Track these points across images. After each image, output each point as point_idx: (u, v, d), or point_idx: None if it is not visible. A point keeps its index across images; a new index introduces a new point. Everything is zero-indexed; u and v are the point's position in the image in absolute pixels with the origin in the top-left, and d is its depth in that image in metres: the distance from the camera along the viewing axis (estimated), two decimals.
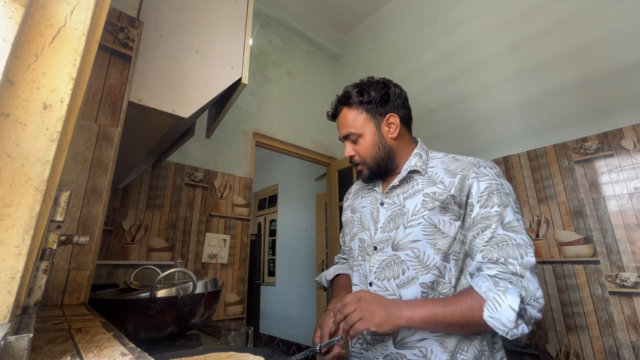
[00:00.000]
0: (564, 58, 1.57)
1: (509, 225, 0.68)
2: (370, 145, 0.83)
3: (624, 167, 1.32)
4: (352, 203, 0.97)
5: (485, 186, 0.72)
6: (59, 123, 0.29)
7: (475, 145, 1.83)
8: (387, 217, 0.82)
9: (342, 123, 0.86)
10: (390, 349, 0.74)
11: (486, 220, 0.69)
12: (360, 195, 0.95)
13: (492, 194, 0.71)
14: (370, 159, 0.84)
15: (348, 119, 0.84)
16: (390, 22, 2.60)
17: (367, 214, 0.88)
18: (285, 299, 4.26)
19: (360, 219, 0.89)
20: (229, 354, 0.58)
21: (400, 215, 0.79)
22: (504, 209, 0.69)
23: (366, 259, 0.83)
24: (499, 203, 0.70)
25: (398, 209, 0.81)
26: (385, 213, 0.83)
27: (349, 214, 0.96)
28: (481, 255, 0.68)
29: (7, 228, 0.25)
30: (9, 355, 0.24)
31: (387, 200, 0.84)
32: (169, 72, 0.99)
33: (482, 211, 0.70)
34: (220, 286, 1.03)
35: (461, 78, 1.99)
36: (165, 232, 1.69)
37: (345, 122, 0.85)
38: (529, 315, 0.62)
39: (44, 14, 0.30)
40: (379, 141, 0.84)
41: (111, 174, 0.74)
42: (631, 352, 1.21)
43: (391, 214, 0.82)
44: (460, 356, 0.69)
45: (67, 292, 0.64)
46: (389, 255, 0.78)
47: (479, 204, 0.71)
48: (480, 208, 0.71)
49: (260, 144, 2.33)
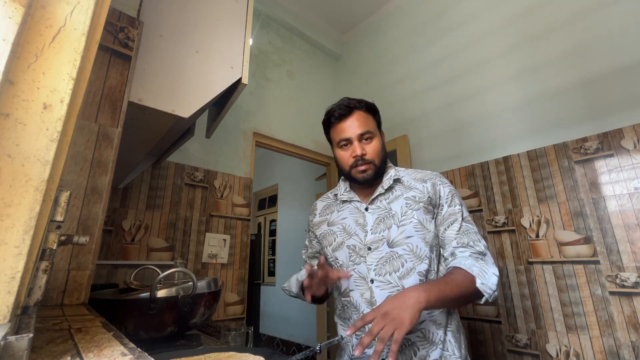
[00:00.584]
0: (564, 58, 1.57)
1: (467, 219, 0.90)
2: (380, 147, 0.94)
3: (624, 167, 1.32)
4: (327, 218, 1.03)
5: (448, 190, 0.93)
6: (59, 123, 0.29)
7: (475, 145, 1.83)
8: (375, 220, 0.92)
9: (358, 123, 0.92)
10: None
11: (453, 216, 0.89)
12: (334, 209, 1.02)
13: (454, 196, 0.92)
14: (379, 160, 0.93)
15: (366, 120, 0.93)
16: (390, 22, 2.60)
17: (351, 223, 0.95)
18: (285, 299, 4.26)
19: (343, 229, 0.96)
20: (229, 354, 0.59)
21: (389, 217, 0.90)
22: (462, 207, 0.91)
23: (361, 261, 0.89)
24: (459, 203, 0.91)
25: (385, 212, 0.92)
26: (372, 217, 0.92)
27: (325, 227, 1.01)
28: (455, 241, 0.86)
29: (7, 228, 0.25)
30: (9, 355, 0.24)
31: (372, 206, 0.94)
32: (169, 72, 0.99)
33: (449, 209, 0.90)
34: (220, 286, 1.03)
35: (461, 78, 1.99)
36: (165, 232, 1.69)
37: (362, 122, 0.92)
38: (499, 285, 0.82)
39: (44, 14, 0.30)
40: (384, 147, 0.97)
41: (111, 174, 0.74)
42: (631, 352, 1.21)
43: (378, 217, 0.92)
44: (448, 328, 0.85)
45: (67, 292, 0.64)
46: (386, 252, 0.87)
47: (446, 204, 0.91)
48: (448, 207, 0.91)
49: (260, 144, 2.33)
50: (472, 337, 1.65)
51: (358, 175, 0.92)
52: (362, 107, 0.95)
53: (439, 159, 1.99)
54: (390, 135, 2.32)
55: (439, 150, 2.01)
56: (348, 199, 0.99)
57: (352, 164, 0.92)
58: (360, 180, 0.93)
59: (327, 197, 1.09)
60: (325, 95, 2.85)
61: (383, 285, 0.85)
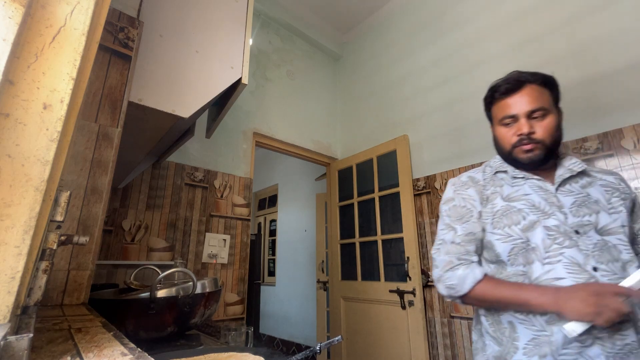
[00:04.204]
0: (564, 58, 1.57)
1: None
2: (554, 125, 0.82)
3: (624, 167, 1.32)
4: (498, 190, 0.85)
5: (631, 188, 0.84)
6: (59, 123, 0.29)
7: (475, 145, 1.83)
8: (573, 202, 0.78)
9: (529, 98, 0.81)
10: (630, 338, 0.68)
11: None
12: (504, 184, 0.86)
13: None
14: (551, 140, 0.81)
15: (540, 95, 0.81)
16: (391, 22, 2.60)
17: (540, 201, 0.80)
18: (285, 299, 4.26)
19: (533, 205, 0.79)
20: (229, 354, 0.59)
21: (590, 202, 0.78)
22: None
23: (572, 245, 0.74)
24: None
25: (583, 197, 0.79)
26: (568, 199, 0.79)
27: (503, 202, 0.83)
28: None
29: (7, 228, 0.25)
30: (9, 355, 0.24)
31: (562, 188, 0.81)
32: (169, 72, 0.99)
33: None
34: (220, 286, 1.03)
35: (461, 78, 1.99)
36: (165, 232, 1.69)
37: (536, 96, 0.81)
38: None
39: (44, 14, 0.30)
40: (560, 125, 0.84)
41: (111, 174, 0.74)
42: None
43: (575, 200, 0.79)
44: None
45: (67, 292, 0.64)
46: (598, 240, 0.74)
47: (637, 201, 0.83)
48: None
49: (260, 144, 2.33)
50: None
51: (522, 155, 0.80)
52: (536, 80, 0.82)
53: (439, 159, 1.99)
54: (390, 135, 2.32)
55: (439, 150, 2.00)
56: (524, 176, 0.83)
57: (515, 143, 0.81)
58: (525, 161, 0.81)
59: (480, 171, 0.91)
60: (325, 95, 2.85)
61: (608, 275, 0.71)
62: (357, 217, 2.41)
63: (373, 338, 2.09)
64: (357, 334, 2.22)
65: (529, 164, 0.81)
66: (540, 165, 0.82)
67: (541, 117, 0.80)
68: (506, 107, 0.83)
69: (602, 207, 0.77)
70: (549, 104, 0.81)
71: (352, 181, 2.51)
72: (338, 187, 2.65)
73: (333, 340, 0.72)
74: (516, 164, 0.83)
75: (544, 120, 0.80)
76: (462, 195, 0.89)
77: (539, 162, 0.81)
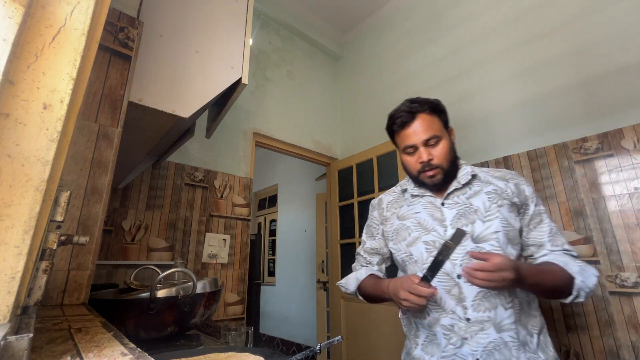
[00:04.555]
0: (564, 58, 1.57)
1: (552, 220, 0.88)
2: (448, 148, 0.91)
3: (624, 167, 1.32)
4: (397, 212, 0.99)
5: (531, 190, 0.90)
6: (59, 123, 0.29)
7: (475, 145, 1.83)
8: (455, 215, 0.88)
9: (422, 127, 0.89)
10: (491, 336, 0.78)
11: (539, 216, 0.87)
12: (403, 204, 0.99)
13: (537, 196, 0.90)
14: (447, 163, 0.90)
15: (428, 124, 0.89)
16: (391, 22, 2.60)
17: (426, 217, 0.92)
18: (285, 299, 4.26)
19: (418, 223, 0.92)
20: (229, 354, 0.59)
21: (470, 212, 0.87)
22: (545, 208, 0.89)
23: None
24: (541, 203, 0.89)
25: (465, 207, 0.88)
26: (451, 212, 0.89)
27: (397, 222, 0.97)
28: (550, 243, 0.84)
29: (7, 228, 0.25)
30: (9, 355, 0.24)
31: (448, 201, 0.91)
32: (169, 72, 0.99)
33: (536, 209, 0.88)
34: (220, 286, 1.03)
35: (461, 78, 1.99)
36: (165, 232, 1.69)
37: (427, 126, 0.89)
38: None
39: (44, 14, 0.30)
40: (452, 146, 0.93)
41: (111, 174, 0.74)
42: (631, 352, 1.21)
43: (458, 212, 0.88)
44: (533, 330, 0.82)
45: (67, 292, 0.64)
46: (472, 248, 0.84)
47: (532, 203, 0.88)
48: (535, 206, 0.88)
49: (260, 144, 2.33)
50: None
51: (427, 180, 0.91)
52: (425, 109, 0.90)
53: None
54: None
55: None
56: (420, 194, 0.95)
57: (420, 169, 0.90)
58: (430, 185, 0.91)
59: (392, 192, 1.05)
60: (325, 95, 2.85)
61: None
62: (357, 217, 2.41)
63: (373, 338, 2.09)
64: (357, 334, 2.22)
65: (434, 187, 0.92)
66: (443, 186, 0.92)
67: (435, 144, 0.89)
68: (405, 138, 0.92)
69: (479, 216, 0.86)
70: (439, 129, 0.91)
71: (352, 181, 2.51)
72: (338, 187, 2.65)
73: (333, 340, 0.72)
74: (424, 185, 0.94)
75: (438, 145, 0.89)
76: (371, 217, 1.07)
77: (442, 184, 0.91)
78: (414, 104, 0.91)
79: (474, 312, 0.80)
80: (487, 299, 0.80)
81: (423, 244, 0.89)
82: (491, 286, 0.69)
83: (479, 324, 0.79)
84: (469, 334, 0.79)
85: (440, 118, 0.92)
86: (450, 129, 0.95)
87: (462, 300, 0.81)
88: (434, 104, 0.92)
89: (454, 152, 0.93)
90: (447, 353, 0.81)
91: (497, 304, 0.79)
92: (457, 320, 0.81)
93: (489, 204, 0.87)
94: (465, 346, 0.79)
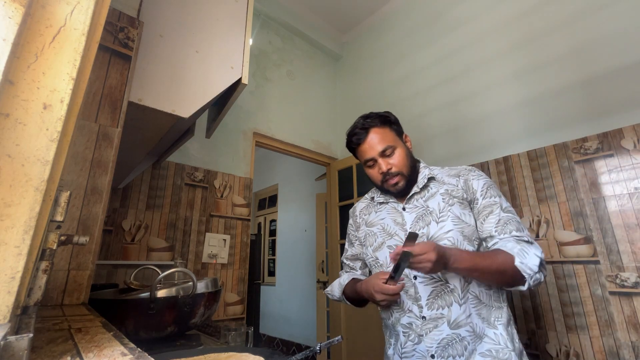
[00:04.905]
0: (564, 58, 1.57)
1: (507, 209, 0.89)
2: (405, 155, 0.95)
3: (624, 167, 1.32)
4: (366, 219, 1.05)
5: (482, 182, 0.93)
6: (59, 123, 0.29)
7: (475, 145, 1.83)
8: (414, 218, 0.93)
9: (375, 141, 0.95)
10: (445, 332, 0.82)
11: (489, 207, 0.89)
12: (372, 211, 1.05)
13: (489, 187, 0.92)
14: (407, 168, 0.95)
15: (381, 137, 0.95)
16: (391, 22, 2.60)
17: (389, 223, 0.97)
18: (285, 299, 4.26)
19: (382, 229, 0.98)
20: (229, 354, 0.59)
21: (427, 214, 0.92)
22: (500, 199, 0.91)
23: None
24: (495, 194, 0.91)
25: (423, 210, 0.93)
26: (410, 215, 0.94)
27: (366, 229, 1.03)
28: (496, 232, 0.86)
29: (7, 228, 0.25)
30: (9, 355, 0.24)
31: (408, 206, 0.96)
32: (169, 72, 0.99)
33: (484, 201, 0.90)
34: (220, 286, 1.03)
35: (461, 78, 1.99)
36: (165, 232, 1.69)
37: (380, 138, 0.95)
38: (544, 270, 0.81)
39: (44, 14, 0.30)
40: (408, 152, 0.98)
41: (111, 174, 0.74)
42: (631, 352, 1.21)
43: (416, 215, 0.93)
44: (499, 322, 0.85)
45: (67, 292, 0.64)
46: None
47: (481, 196, 0.91)
48: (483, 199, 0.90)
49: (260, 144, 2.33)
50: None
51: (391, 188, 0.95)
52: (376, 124, 0.96)
53: (439, 159, 1.99)
54: None
55: (439, 150, 2.01)
56: (385, 200, 1.01)
57: (382, 180, 0.95)
58: (395, 192, 0.96)
59: (365, 199, 1.11)
60: (325, 95, 2.85)
61: (426, 280, 0.86)
62: None
63: (373, 338, 2.09)
64: (357, 334, 2.22)
65: (398, 194, 0.97)
66: (408, 191, 0.97)
67: (391, 153, 0.94)
68: (364, 153, 0.97)
69: (434, 218, 0.91)
70: (393, 139, 0.96)
71: (352, 181, 2.51)
72: (338, 187, 2.65)
73: (333, 340, 0.72)
74: (390, 193, 0.99)
75: (394, 154, 0.95)
76: (349, 224, 1.14)
77: (406, 189, 0.96)
78: (367, 119, 0.97)
79: (428, 311, 0.85)
80: (440, 297, 0.84)
81: (387, 248, 0.95)
82: (419, 268, 0.74)
83: (433, 322, 0.83)
84: (424, 331, 0.84)
85: (392, 128, 0.98)
86: (405, 137, 1.01)
87: (417, 300, 0.86)
88: (383, 116, 0.98)
89: (411, 158, 0.98)
90: (407, 349, 0.87)
91: (452, 301, 0.84)
92: (414, 319, 0.86)
93: (443, 205, 0.91)
94: (422, 343, 0.84)
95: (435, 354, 0.82)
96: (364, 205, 1.09)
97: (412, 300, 0.87)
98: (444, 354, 0.82)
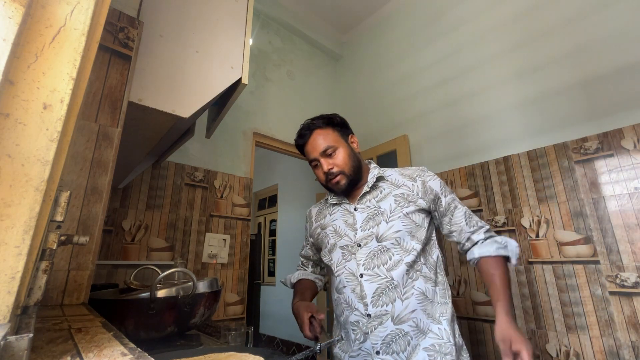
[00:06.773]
0: (564, 58, 1.57)
1: (461, 203, 0.97)
2: (346, 155, 0.97)
3: (624, 167, 1.32)
4: (320, 222, 1.08)
5: (438, 182, 0.98)
6: (59, 123, 0.29)
7: (475, 145, 1.83)
8: (364, 218, 0.96)
9: (316, 143, 0.97)
10: (389, 328, 0.84)
11: (452, 204, 0.96)
12: (326, 213, 1.07)
13: (444, 185, 0.98)
14: (348, 168, 0.96)
15: (323, 138, 0.97)
16: (391, 22, 2.60)
17: (341, 224, 1.00)
18: (285, 299, 4.26)
19: (334, 231, 1.01)
20: (229, 354, 0.59)
21: (378, 214, 0.94)
22: (453, 194, 0.98)
23: (351, 258, 0.94)
24: (449, 190, 0.98)
25: (374, 210, 0.96)
26: (362, 215, 0.97)
27: (320, 231, 1.07)
28: (467, 226, 0.93)
29: (7, 228, 0.25)
30: (9, 355, 0.24)
31: (360, 206, 0.98)
32: (169, 72, 0.99)
33: (446, 199, 0.96)
34: (220, 286, 1.03)
35: (461, 78, 1.99)
36: (165, 232, 1.69)
37: (322, 139, 0.97)
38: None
39: (44, 14, 0.30)
40: (352, 152, 1.00)
41: (111, 174, 0.74)
42: (631, 352, 1.21)
43: (367, 215, 0.96)
44: (443, 317, 0.88)
45: (67, 292, 0.64)
46: (375, 247, 0.92)
47: (443, 195, 0.96)
48: (445, 197, 0.96)
49: (260, 144, 2.33)
50: (472, 337, 1.65)
51: (334, 187, 0.98)
52: (319, 125, 0.99)
53: (439, 159, 1.99)
54: (390, 135, 2.32)
55: (439, 150, 2.01)
56: (337, 202, 1.04)
57: (325, 179, 0.98)
58: (337, 191, 0.99)
59: (319, 203, 1.15)
60: (325, 95, 2.85)
61: (372, 278, 0.89)
62: None
63: None
64: None
65: (342, 192, 1.00)
66: (351, 190, 1.00)
67: (333, 152, 0.97)
68: (308, 153, 1.00)
69: (384, 218, 0.93)
70: (335, 140, 0.98)
71: None
72: None
73: (333, 340, 0.72)
74: (336, 192, 1.02)
75: (336, 154, 0.97)
76: (305, 226, 1.18)
77: (349, 188, 0.98)
78: (313, 121, 1.00)
79: (373, 308, 0.86)
80: (384, 294, 0.87)
81: (339, 249, 0.97)
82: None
83: (378, 319, 0.86)
84: (369, 328, 0.86)
85: (336, 129, 1.00)
86: (352, 137, 1.03)
87: (363, 298, 0.88)
88: (328, 118, 1.01)
89: (355, 158, 0.99)
90: (354, 347, 0.89)
91: (395, 297, 0.86)
92: (360, 317, 0.88)
93: (395, 206, 0.94)
94: (368, 340, 0.86)
95: (380, 350, 0.84)
96: (318, 209, 1.12)
97: (358, 299, 0.89)
98: (388, 350, 0.84)
